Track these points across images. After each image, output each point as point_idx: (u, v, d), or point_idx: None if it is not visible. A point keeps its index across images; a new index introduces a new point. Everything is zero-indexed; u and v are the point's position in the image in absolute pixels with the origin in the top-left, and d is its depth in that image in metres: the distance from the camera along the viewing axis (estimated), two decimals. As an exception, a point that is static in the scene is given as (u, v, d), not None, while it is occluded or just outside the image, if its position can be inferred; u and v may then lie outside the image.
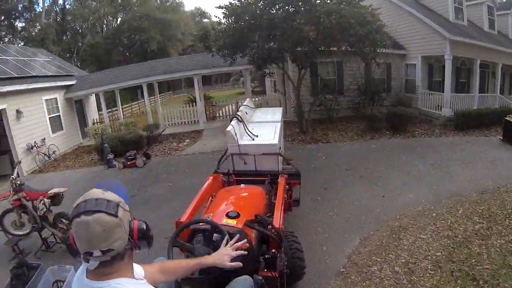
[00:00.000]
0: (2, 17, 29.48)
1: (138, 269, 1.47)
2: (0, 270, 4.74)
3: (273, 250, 2.87)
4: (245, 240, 2.53)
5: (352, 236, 4.93)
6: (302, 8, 8.88)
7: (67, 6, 34.42)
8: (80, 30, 35.08)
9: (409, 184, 6.63)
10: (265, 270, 2.86)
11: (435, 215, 5.31)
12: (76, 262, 3.26)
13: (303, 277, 3.68)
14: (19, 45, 27.23)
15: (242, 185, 4.22)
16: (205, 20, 49.62)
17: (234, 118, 5.22)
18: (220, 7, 9.74)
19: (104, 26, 38.36)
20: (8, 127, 10.65)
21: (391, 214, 5.46)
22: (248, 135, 5.05)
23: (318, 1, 9.12)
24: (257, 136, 4.98)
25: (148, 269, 1.62)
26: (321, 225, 5.32)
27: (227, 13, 9.59)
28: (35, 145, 11.47)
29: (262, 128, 5.36)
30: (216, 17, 12.31)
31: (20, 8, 30.15)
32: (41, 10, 31.14)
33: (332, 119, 12.26)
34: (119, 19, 37.91)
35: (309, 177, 7.15)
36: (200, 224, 2.66)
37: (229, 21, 9.71)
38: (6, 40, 30.44)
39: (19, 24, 32.30)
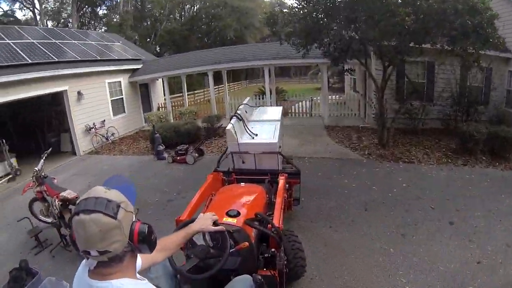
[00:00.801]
0: (86, 5, 31.51)
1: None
2: (21, 257, 4.64)
3: (273, 249, 2.85)
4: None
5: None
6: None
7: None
8: (158, 17, 36.13)
9: (515, 248, 4.50)
10: (265, 269, 2.85)
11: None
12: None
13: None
14: (101, 30, 28.97)
15: (242, 183, 4.11)
16: (285, 10, 48.16)
17: (234, 117, 5.10)
18: None
19: (183, 13, 39.08)
20: (68, 108, 10.89)
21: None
22: (248, 134, 4.97)
23: None
24: (256, 135, 4.92)
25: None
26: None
27: None
28: (93, 127, 11.50)
29: (262, 127, 5.29)
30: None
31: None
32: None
33: (417, 131, 10.08)
34: (196, 6, 38.31)
35: (384, 212, 5.46)
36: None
37: (301, 2, 8.10)
38: (90, 26, 32.71)
39: (101, 11, 34.47)
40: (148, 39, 34.54)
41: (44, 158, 5.65)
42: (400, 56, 7.83)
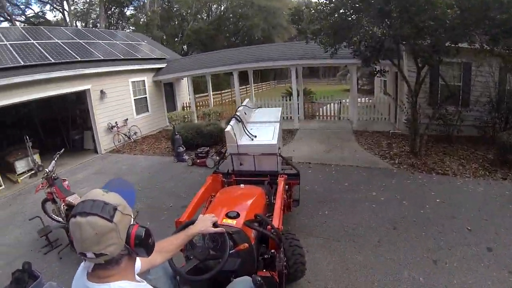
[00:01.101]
0: (114, 6, 32.34)
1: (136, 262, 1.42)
2: (31, 254, 5.03)
3: (272, 250, 2.85)
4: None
5: None
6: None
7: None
8: (185, 16, 36.49)
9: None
10: (264, 270, 2.84)
11: None
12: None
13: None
14: (128, 30, 29.61)
15: (241, 185, 4.12)
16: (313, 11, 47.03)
17: (233, 118, 5.08)
18: None
19: (210, 12, 39.23)
20: (91, 106, 10.96)
21: None
22: (247, 135, 4.93)
23: None
24: (255, 136, 4.88)
25: None
26: None
27: None
28: (115, 125, 11.49)
29: (261, 128, 5.25)
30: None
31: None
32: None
33: (452, 138, 9.29)
34: (223, 6, 38.37)
35: (414, 232, 4.89)
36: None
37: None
38: (118, 26, 33.53)
39: (128, 12, 35.29)
40: (176, 39, 34.91)
41: (56, 159, 5.58)
42: (436, 56, 7.16)
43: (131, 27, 33.23)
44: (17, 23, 27.18)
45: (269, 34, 36.22)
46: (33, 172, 9.57)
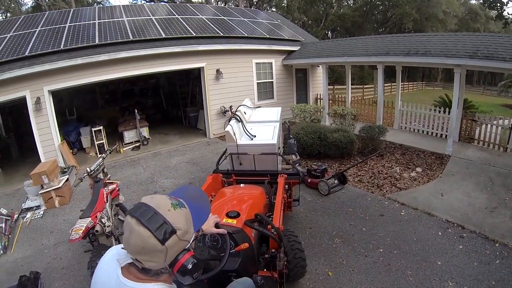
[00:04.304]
0: None
1: None
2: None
3: (273, 250, 2.78)
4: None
5: None
6: None
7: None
8: (331, 1, 34.01)
9: None
10: (265, 270, 2.82)
11: None
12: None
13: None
14: (270, 10, 28.90)
15: (241, 184, 3.97)
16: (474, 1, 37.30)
17: (233, 118, 5.01)
18: None
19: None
20: (204, 86, 10.10)
21: None
22: (247, 135, 4.83)
23: None
24: (255, 136, 4.78)
25: None
26: None
27: None
28: (229, 110, 10.25)
29: (261, 128, 5.10)
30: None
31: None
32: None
33: None
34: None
35: None
36: None
37: None
38: (258, 7, 32.81)
39: None
40: (321, 24, 33.05)
41: (105, 156, 4.68)
42: None
43: (273, 9, 32.65)
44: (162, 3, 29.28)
45: (422, 26, 30.88)
46: (137, 145, 9.15)
